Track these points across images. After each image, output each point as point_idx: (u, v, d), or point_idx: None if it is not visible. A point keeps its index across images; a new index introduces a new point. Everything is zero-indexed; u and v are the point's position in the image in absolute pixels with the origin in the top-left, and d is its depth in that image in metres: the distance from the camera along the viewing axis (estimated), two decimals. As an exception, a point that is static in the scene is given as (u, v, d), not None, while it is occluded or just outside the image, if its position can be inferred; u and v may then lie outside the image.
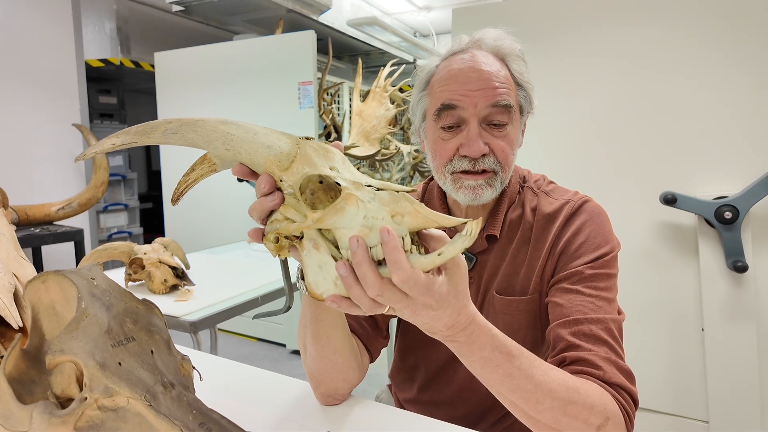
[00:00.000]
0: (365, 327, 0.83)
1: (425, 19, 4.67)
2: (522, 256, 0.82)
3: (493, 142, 0.77)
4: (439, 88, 0.79)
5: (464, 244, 0.46)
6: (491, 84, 0.76)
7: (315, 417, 0.75)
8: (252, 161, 0.49)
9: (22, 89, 2.62)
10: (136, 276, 1.49)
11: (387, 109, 3.17)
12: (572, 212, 0.81)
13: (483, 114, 0.77)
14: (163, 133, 0.48)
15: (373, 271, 0.46)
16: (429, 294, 0.48)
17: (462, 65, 0.78)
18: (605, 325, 0.71)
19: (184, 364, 0.50)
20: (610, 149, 1.98)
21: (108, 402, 0.42)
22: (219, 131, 0.48)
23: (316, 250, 0.49)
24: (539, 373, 0.59)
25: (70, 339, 0.43)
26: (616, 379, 0.66)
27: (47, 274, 0.48)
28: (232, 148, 0.48)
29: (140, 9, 3.85)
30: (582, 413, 0.60)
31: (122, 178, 4.03)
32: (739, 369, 1.78)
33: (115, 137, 0.49)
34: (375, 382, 2.60)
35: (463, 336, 0.55)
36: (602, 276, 0.75)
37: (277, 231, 0.50)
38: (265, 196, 0.49)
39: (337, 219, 0.47)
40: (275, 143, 0.48)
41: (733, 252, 1.74)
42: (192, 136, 0.48)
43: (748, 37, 1.74)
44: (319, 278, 0.50)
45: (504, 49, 0.81)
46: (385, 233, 0.45)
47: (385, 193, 0.46)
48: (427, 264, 0.47)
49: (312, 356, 0.73)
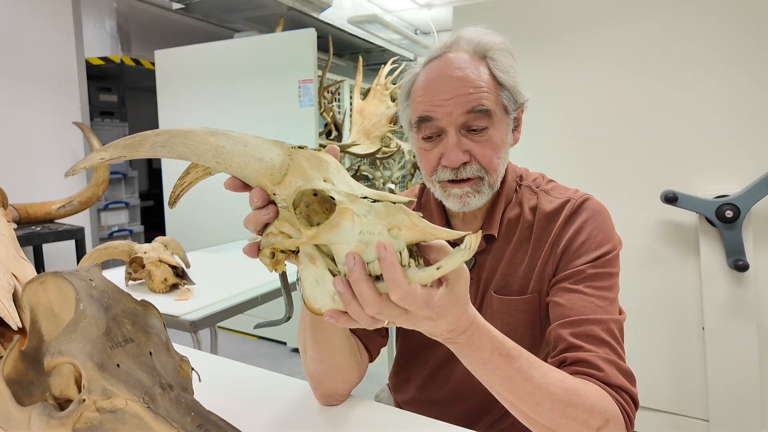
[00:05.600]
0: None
1: (426, 17, 4.66)
2: (521, 255, 0.82)
3: (475, 149, 0.76)
4: (416, 99, 0.78)
5: (463, 257, 0.45)
6: (465, 90, 0.74)
7: (315, 417, 0.75)
8: (243, 174, 0.48)
9: (22, 87, 2.62)
10: (137, 275, 1.49)
11: (388, 107, 3.16)
12: (573, 211, 0.80)
13: (460, 122, 0.75)
14: (152, 146, 0.47)
15: (370, 289, 0.45)
16: (428, 308, 0.47)
17: (434, 74, 0.76)
18: (606, 325, 0.70)
19: (183, 365, 0.50)
20: (611, 148, 1.98)
21: (106, 404, 0.42)
22: (209, 143, 0.47)
23: (313, 264, 0.48)
24: (539, 375, 0.59)
25: (68, 341, 0.43)
26: (616, 380, 0.66)
27: (46, 276, 0.48)
28: (223, 161, 0.47)
29: (141, 7, 3.84)
30: (581, 415, 0.60)
31: (123, 176, 4.03)
32: (739, 367, 1.78)
33: (104, 151, 0.48)
34: (375, 381, 2.60)
35: (463, 338, 0.54)
36: (604, 275, 0.75)
37: (273, 246, 0.49)
38: (259, 209, 0.48)
39: (332, 235, 0.46)
40: (267, 155, 0.47)
41: (733, 251, 1.74)
42: (181, 149, 0.47)
43: (748, 37, 1.73)
44: (316, 293, 0.49)
45: (483, 45, 0.77)
46: (382, 249, 0.44)
47: (381, 205, 0.45)
48: (425, 278, 0.46)
49: (312, 358, 0.73)
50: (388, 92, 3.15)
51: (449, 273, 0.47)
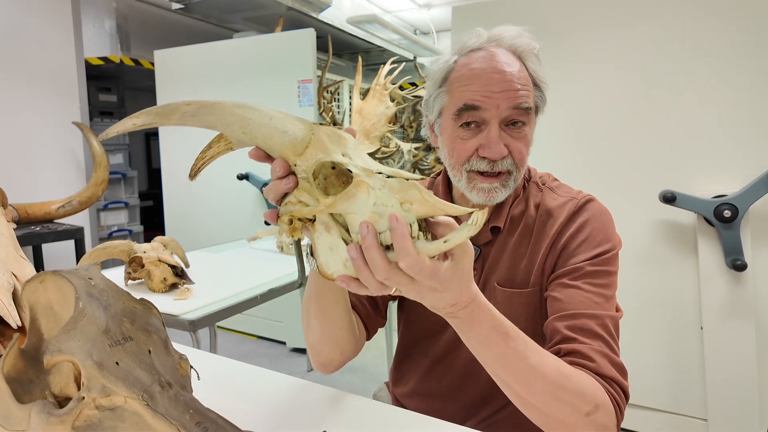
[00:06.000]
0: (366, 306, 0.86)
1: (425, 17, 4.66)
2: (523, 249, 0.83)
3: (512, 144, 0.78)
4: (460, 87, 0.79)
5: (470, 232, 0.47)
6: (514, 86, 0.76)
7: (313, 415, 0.76)
8: (267, 145, 0.51)
9: (21, 87, 2.62)
10: (136, 274, 1.49)
11: (387, 107, 3.16)
12: (576, 210, 0.82)
13: (504, 115, 0.77)
14: (182, 115, 0.50)
15: (381, 256, 0.48)
16: (434, 278, 0.50)
17: (483, 64, 0.77)
18: (601, 320, 0.72)
19: (182, 363, 0.50)
20: (610, 148, 1.98)
21: (105, 401, 0.42)
22: (236, 115, 0.50)
23: (328, 232, 0.51)
24: (534, 357, 0.61)
25: (67, 339, 0.44)
26: (608, 372, 0.68)
27: (45, 274, 0.48)
28: (249, 132, 0.50)
29: (140, 7, 3.84)
30: (572, 399, 0.62)
31: (122, 176, 4.02)
32: (737, 367, 1.78)
33: (136, 117, 0.51)
34: (373, 379, 2.61)
35: (465, 313, 0.57)
36: (602, 273, 0.76)
37: (291, 213, 0.52)
38: (280, 179, 0.51)
39: (348, 205, 0.49)
40: (290, 128, 0.50)
41: (732, 250, 1.74)
42: (210, 119, 0.50)
43: (746, 37, 1.73)
44: (329, 259, 0.52)
45: (522, 47, 0.81)
46: (394, 220, 0.47)
47: (395, 180, 0.48)
48: (432, 250, 0.49)
49: (314, 329, 0.77)
50: (388, 92, 3.14)
51: (455, 249, 0.50)
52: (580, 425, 0.62)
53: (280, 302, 1.95)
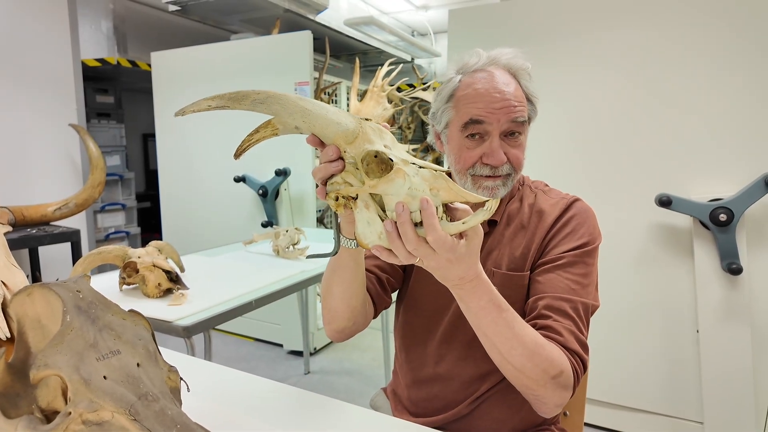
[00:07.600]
0: (376, 287, 0.99)
1: (423, 18, 4.66)
2: (518, 240, 0.96)
3: (510, 152, 0.91)
4: (466, 104, 0.91)
5: (484, 216, 0.58)
6: (511, 103, 0.89)
7: (308, 424, 0.76)
8: (323, 134, 0.60)
9: (18, 89, 2.61)
10: (130, 280, 1.48)
11: (384, 108, 3.16)
12: (564, 208, 0.95)
13: (503, 128, 0.90)
14: (252, 102, 0.57)
15: (412, 230, 0.59)
16: (451, 252, 0.61)
17: (486, 85, 0.91)
18: (574, 304, 0.85)
19: (171, 375, 0.50)
20: (606, 151, 1.98)
21: (92, 416, 0.42)
22: (299, 106, 0.58)
23: (367, 209, 0.62)
24: (518, 327, 0.75)
25: (54, 353, 0.43)
26: (573, 346, 0.81)
27: (33, 287, 0.48)
28: (308, 121, 0.59)
29: (137, 8, 3.83)
30: (543, 364, 0.75)
31: (119, 177, 4.02)
32: (733, 370, 1.78)
33: (211, 100, 0.57)
34: (371, 382, 2.61)
35: (470, 286, 0.70)
36: (581, 263, 0.89)
37: (338, 191, 0.62)
38: (330, 162, 0.61)
39: (387, 187, 0.59)
40: (343, 121, 0.59)
41: (727, 254, 1.75)
42: (276, 107, 0.57)
43: (742, 40, 1.74)
44: (367, 231, 0.62)
45: (516, 66, 0.94)
46: (425, 202, 0.58)
47: (426, 171, 0.59)
48: (453, 229, 0.59)
49: (335, 295, 0.88)
50: (385, 94, 3.14)
51: (469, 230, 0.62)
52: (547, 385, 0.76)
53: (277, 305, 1.94)
